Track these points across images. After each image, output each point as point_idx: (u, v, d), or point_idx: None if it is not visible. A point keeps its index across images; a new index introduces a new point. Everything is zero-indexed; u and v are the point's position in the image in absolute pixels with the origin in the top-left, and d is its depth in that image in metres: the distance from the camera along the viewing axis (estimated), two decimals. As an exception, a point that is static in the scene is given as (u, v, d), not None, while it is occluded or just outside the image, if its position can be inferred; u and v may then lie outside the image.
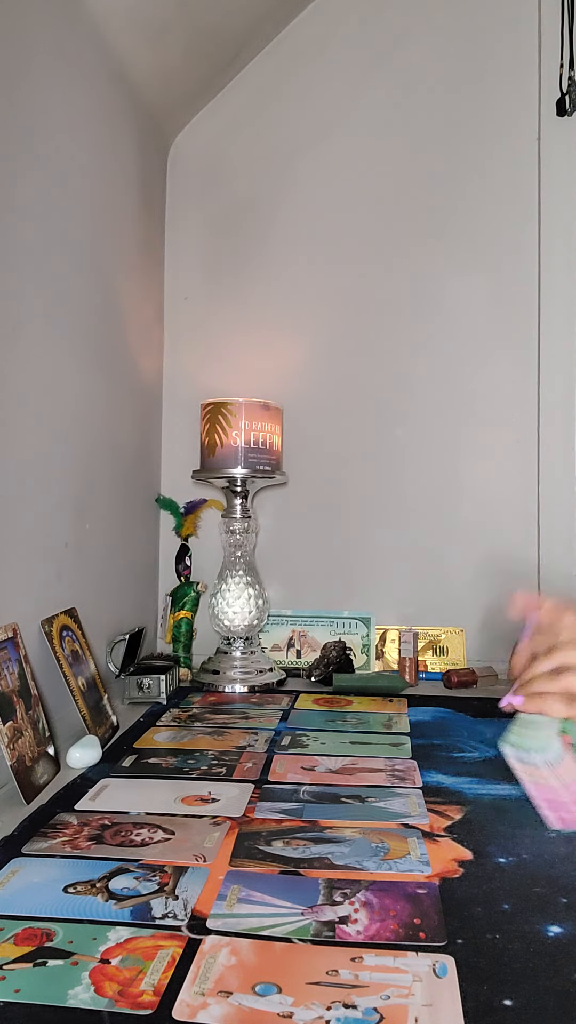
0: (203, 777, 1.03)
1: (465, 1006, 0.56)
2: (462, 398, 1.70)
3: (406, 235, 1.72)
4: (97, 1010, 0.56)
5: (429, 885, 0.74)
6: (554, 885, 0.74)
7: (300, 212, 1.76)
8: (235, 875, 0.76)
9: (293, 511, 1.76)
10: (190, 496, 1.75)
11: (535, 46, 1.67)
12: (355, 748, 1.15)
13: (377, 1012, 0.56)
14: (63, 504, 1.25)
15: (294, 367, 1.76)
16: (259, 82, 1.77)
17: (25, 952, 0.63)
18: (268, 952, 0.63)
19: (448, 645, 1.64)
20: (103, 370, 1.43)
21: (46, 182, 1.16)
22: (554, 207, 1.66)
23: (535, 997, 0.57)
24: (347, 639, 1.66)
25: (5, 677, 0.97)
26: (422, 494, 1.71)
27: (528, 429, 1.67)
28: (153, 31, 1.45)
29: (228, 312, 1.78)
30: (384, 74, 1.73)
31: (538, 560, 1.66)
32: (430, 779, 1.02)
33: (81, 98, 1.29)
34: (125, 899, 0.71)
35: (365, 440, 1.73)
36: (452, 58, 1.71)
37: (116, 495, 1.50)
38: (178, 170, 1.80)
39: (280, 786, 1.00)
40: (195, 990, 0.58)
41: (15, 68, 1.06)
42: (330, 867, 0.78)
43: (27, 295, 1.11)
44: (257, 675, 1.55)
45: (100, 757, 1.09)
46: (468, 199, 1.70)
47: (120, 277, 1.51)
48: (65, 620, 1.20)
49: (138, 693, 1.40)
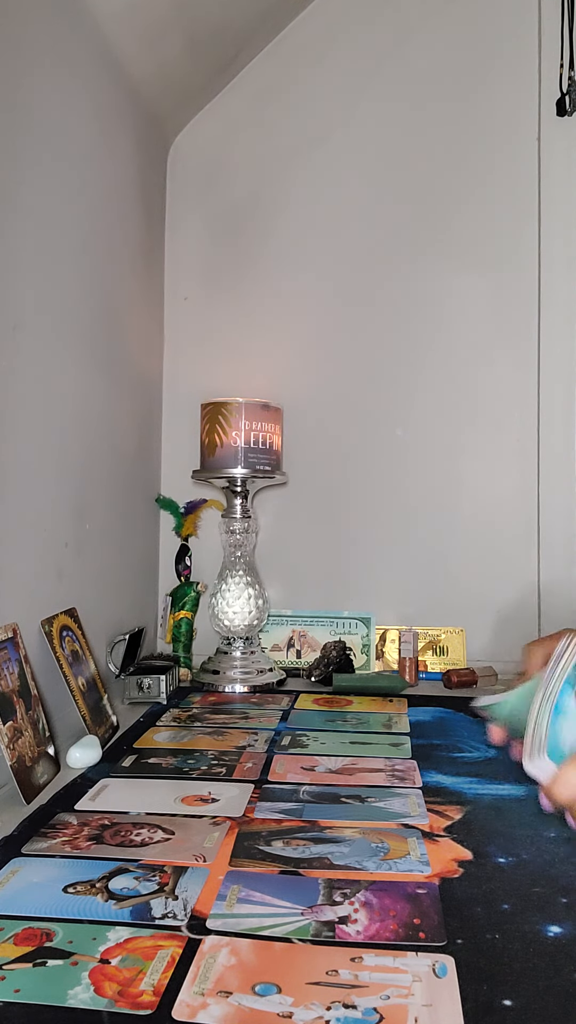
0: (203, 777, 1.03)
1: (465, 1006, 0.56)
2: (462, 398, 1.70)
3: (406, 235, 1.72)
4: (97, 1010, 0.56)
5: (429, 885, 0.74)
6: (554, 885, 0.74)
7: (300, 212, 1.76)
8: (235, 875, 0.76)
9: (293, 511, 1.76)
10: (190, 496, 1.75)
11: (535, 46, 1.67)
12: (355, 748, 1.15)
13: (377, 1012, 0.56)
14: (63, 504, 1.25)
15: (294, 367, 1.76)
16: (259, 82, 1.77)
17: (25, 952, 0.63)
18: (268, 952, 0.63)
19: (448, 645, 1.64)
20: (103, 370, 1.43)
21: (45, 182, 1.16)
22: (554, 207, 1.66)
23: (535, 997, 0.57)
24: (347, 639, 1.66)
25: (5, 677, 0.97)
26: (422, 494, 1.71)
27: (528, 429, 1.67)
28: (153, 31, 1.45)
29: (228, 312, 1.78)
30: (384, 74, 1.73)
31: (538, 560, 1.66)
32: (430, 779, 1.02)
33: (81, 98, 1.29)
34: (125, 899, 0.71)
35: (365, 440, 1.73)
36: (452, 58, 1.71)
37: (116, 495, 1.50)
38: (178, 170, 1.80)
39: (280, 786, 1.00)
40: (195, 990, 0.58)
41: (14, 68, 1.06)
42: (330, 867, 0.78)
43: (27, 295, 1.11)
44: (257, 675, 1.55)
45: (100, 757, 1.09)
46: (468, 199, 1.70)
47: (120, 277, 1.51)
48: (65, 620, 1.20)
49: (138, 693, 1.40)
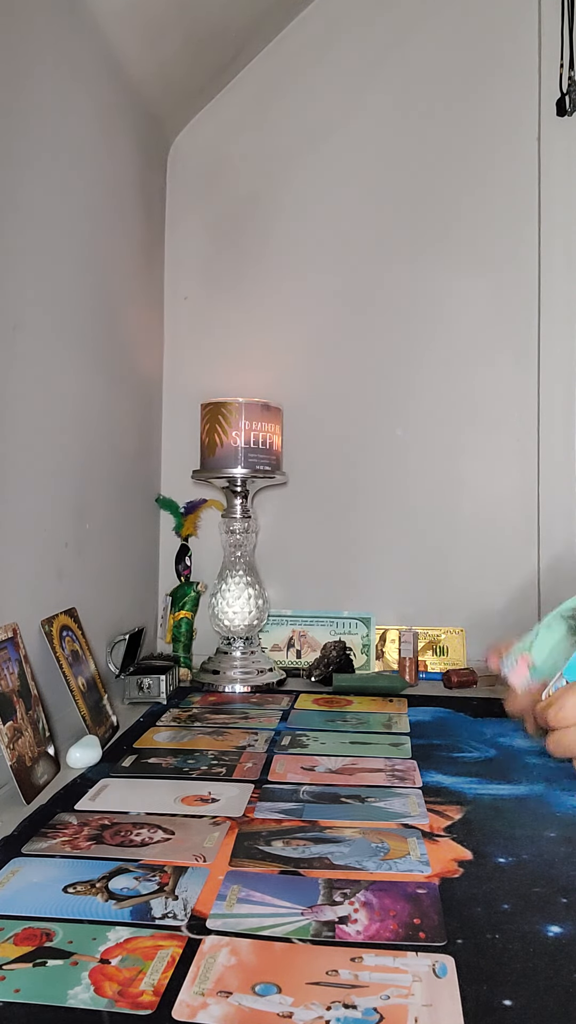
0: (203, 777, 1.03)
1: (465, 1006, 0.56)
2: (462, 398, 1.70)
3: (405, 235, 1.72)
4: (97, 1010, 0.56)
5: (429, 885, 0.74)
6: (554, 885, 0.74)
7: (300, 212, 1.76)
8: (235, 875, 0.76)
9: (293, 511, 1.76)
10: (190, 496, 1.75)
11: (535, 46, 1.67)
12: (355, 748, 1.15)
13: (377, 1012, 0.56)
14: (63, 504, 1.25)
15: (294, 367, 1.76)
16: (259, 82, 1.77)
17: (25, 952, 0.63)
18: (268, 952, 0.63)
19: (448, 645, 1.64)
20: (103, 370, 1.43)
21: (45, 182, 1.16)
22: (554, 207, 1.66)
23: (535, 997, 0.57)
24: (347, 639, 1.66)
25: (5, 677, 0.97)
26: (422, 494, 1.71)
27: (528, 430, 1.67)
28: (153, 31, 1.45)
29: (228, 312, 1.78)
30: (384, 74, 1.73)
31: (538, 560, 1.66)
32: (430, 779, 1.02)
33: (81, 98, 1.29)
34: (125, 899, 0.71)
35: (365, 440, 1.73)
36: (452, 58, 1.71)
37: (116, 495, 1.50)
38: (178, 170, 1.80)
39: (280, 786, 1.00)
40: (195, 990, 0.58)
41: (14, 68, 1.06)
42: (330, 867, 0.78)
43: (27, 295, 1.11)
44: (257, 675, 1.55)
45: (100, 757, 1.09)
46: (468, 199, 1.70)
47: (120, 277, 1.51)
48: (65, 620, 1.20)
49: (138, 693, 1.40)
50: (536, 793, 0.97)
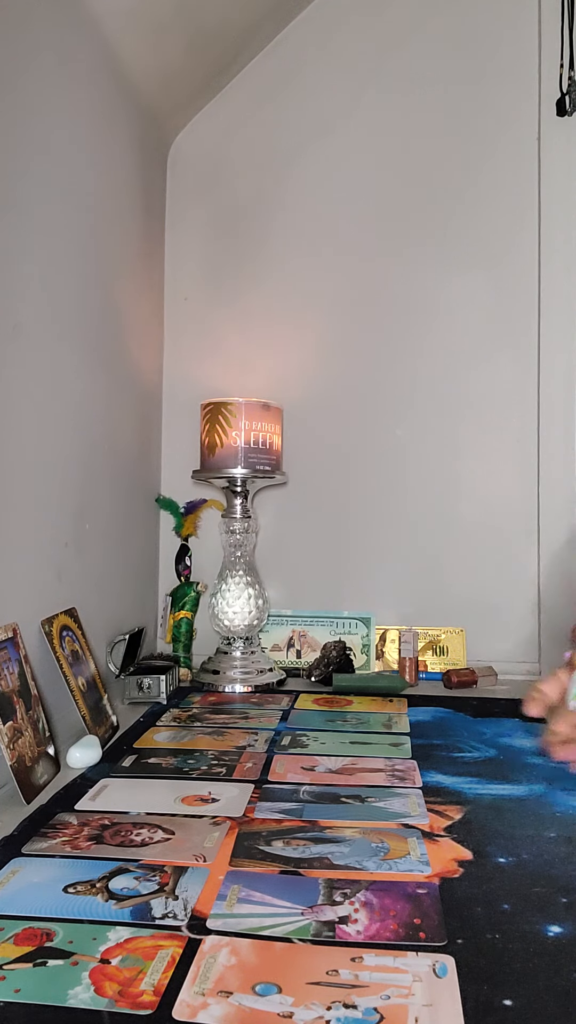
0: (203, 777, 1.03)
1: (465, 1006, 0.56)
2: (462, 398, 1.70)
3: (406, 235, 1.72)
4: (97, 1010, 0.56)
5: (429, 885, 0.74)
6: (554, 885, 0.74)
7: (300, 212, 1.76)
8: (235, 875, 0.76)
9: (293, 511, 1.76)
10: (190, 496, 1.75)
11: (535, 46, 1.67)
12: (355, 748, 1.15)
13: (377, 1012, 0.56)
14: (63, 504, 1.25)
15: (294, 367, 1.76)
16: (259, 82, 1.77)
17: (25, 952, 0.63)
18: (268, 952, 0.63)
19: (448, 645, 1.64)
20: (103, 370, 1.43)
21: (46, 182, 1.16)
22: (554, 207, 1.66)
23: (535, 997, 0.57)
24: (347, 639, 1.66)
25: (5, 677, 0.97)
26: (422, 494, 1.71)
27: (528, 429, 1.67)
28: (153, 31, 1.45)
29: (228, 312, 1.78)
30: (384, 74, 1.73)
31: (538, 560, 1.66)
32: (430, 779, 1.02)
33: (81, 98, 1.29)
34: (125, 899, 0.71)
35: (365, 440, 1.73)
36: (452, 58, 1.71)
37: (116, 495, 1.50)
38: (178, 170, 1.80)
39: (280, 786, 1.00)
40: (195, 990, 0.58)
41: (15, 68, 1.06)
42: (330, 867, 0.78)
43: (27, 295, 1.11)
44: (257, 675, 1.55)
45: (100, 757, 1.09)
46: (468, 199, 1.70)
47: (120, 277, 1.51)
48: (65, 620, 1.20)
49: (138, 693, 1.40)
50: (536, 793, 0.97)
